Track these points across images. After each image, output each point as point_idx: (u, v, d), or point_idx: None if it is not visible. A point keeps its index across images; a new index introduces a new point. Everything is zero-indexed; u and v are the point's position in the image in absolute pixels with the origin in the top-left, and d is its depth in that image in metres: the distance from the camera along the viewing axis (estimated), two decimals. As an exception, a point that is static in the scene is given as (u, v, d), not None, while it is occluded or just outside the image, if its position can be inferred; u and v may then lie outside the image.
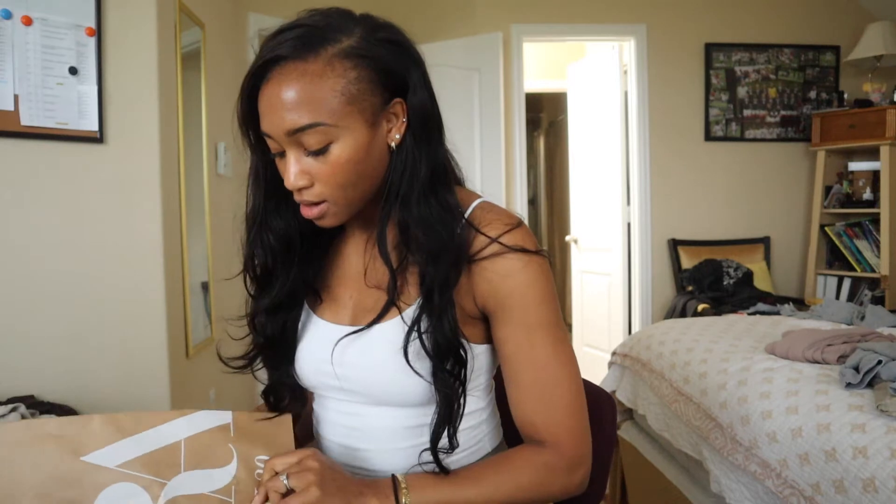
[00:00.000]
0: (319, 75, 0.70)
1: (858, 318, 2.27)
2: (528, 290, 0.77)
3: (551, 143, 6.72)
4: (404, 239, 0.77)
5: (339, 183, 0.74)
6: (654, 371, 2.01)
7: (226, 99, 2.89)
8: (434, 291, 0.75)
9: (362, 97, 0.72)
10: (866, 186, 3.65)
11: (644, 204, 3.94)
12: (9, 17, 1.71)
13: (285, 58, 0.70)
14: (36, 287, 1.81)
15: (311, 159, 0.73)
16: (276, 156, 0.77)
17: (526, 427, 0.81)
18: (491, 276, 0.77)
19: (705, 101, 3.94)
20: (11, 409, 1.45)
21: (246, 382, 3.15)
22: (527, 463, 0.78)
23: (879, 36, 3.60)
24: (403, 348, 0.75)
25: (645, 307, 3.96)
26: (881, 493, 1.11)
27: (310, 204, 0.76)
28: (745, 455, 1.45)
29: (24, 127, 1.74)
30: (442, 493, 0.74)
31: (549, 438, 0.79)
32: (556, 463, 0.78)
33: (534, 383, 0.79)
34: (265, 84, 0.73)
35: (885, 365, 1.41)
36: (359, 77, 0.72)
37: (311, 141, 0.72)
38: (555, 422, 0.79)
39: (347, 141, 0.72)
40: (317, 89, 0.70)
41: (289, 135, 0.72)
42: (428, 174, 0.77)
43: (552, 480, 0.78)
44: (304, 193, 0.75)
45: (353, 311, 0.85)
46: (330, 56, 0.71)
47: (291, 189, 0.75)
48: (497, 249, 0.76)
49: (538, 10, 3.88)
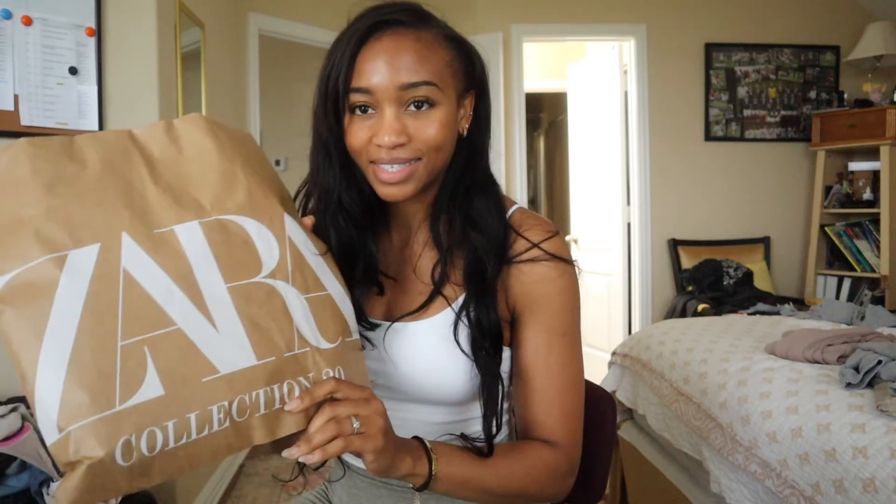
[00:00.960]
0: (433, 43, 0.76)
1: (858, 318, 2.27)
2: (558, 297, 0.81)
3: (551, 143, 6.72)
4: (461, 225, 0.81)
5: (436, 143, 0.76)
6: (654, 371, 2.01)
7: (226, 99, 2.89)
8: (484, 277, 0.79)
9: (456, 76, 0.79)
10: (866, 186, 3.65)
11: (644, 204, 3.94)
12: (9, 17, 1.71)
13: (401, 22, 0.75)
14: (36, 287, 1.81)
15: (411, 118, 0.75)
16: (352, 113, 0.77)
17: (533, 427, 0.83)
18: (527, 279, 0.81)
19: (705, 101, 3.94)
20: (11, 408, 1.45)
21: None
22: (539, 460, 0.80)
23: (879, 36, 3.60)
24: (454, 332, 0.79)
25: (645, 307, 3.96)
26: (881, 493, 1.11)
27: (402, 163, 0.76)
28: (745, 455, 1.45)
29: (24, 127, 1.74)
30: (465, 468, 0.75)
31: (555, 440, 0.81)
32: (560, 464, 0.81)
33: (547, 387, 0.82)
34: (374, 42, 0.74)
35: (885, 365, 1.41)
36: (456, 58, 0.79)
37: (421, 98, 0.75)
38: (562, 426, 0.82)
39: (445, 109, 0.77)
40: (432, 54, 0.76)
41: (402, 88, 0.74)
42: (485, 168, 0.85)
43: (554, 481, 0.81)
44: (398, 151, 0.75)
45: (387, 307, 0.85)
46: (437, 32, 0.78)
47: (388, 145, 0.74)
48: (537, 255, 0.81)
49: (538, 10, 3.88)
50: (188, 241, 0.60)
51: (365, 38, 0.74)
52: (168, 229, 0.60)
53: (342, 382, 0.64)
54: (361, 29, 0.74)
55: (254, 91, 3.23)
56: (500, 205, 0.84)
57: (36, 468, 1.37)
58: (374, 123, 0.75)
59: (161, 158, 0.65)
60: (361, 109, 0.76)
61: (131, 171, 0.62)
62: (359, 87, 0.74)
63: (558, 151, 6.29)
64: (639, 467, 2.14)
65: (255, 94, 3.23)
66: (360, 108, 0.76)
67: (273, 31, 3.29)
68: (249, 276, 0.62)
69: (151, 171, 0.63)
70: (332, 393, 0.63)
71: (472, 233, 0.80)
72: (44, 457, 1.38)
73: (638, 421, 2.21)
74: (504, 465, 0.78)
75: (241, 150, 0.69)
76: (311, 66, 3.10)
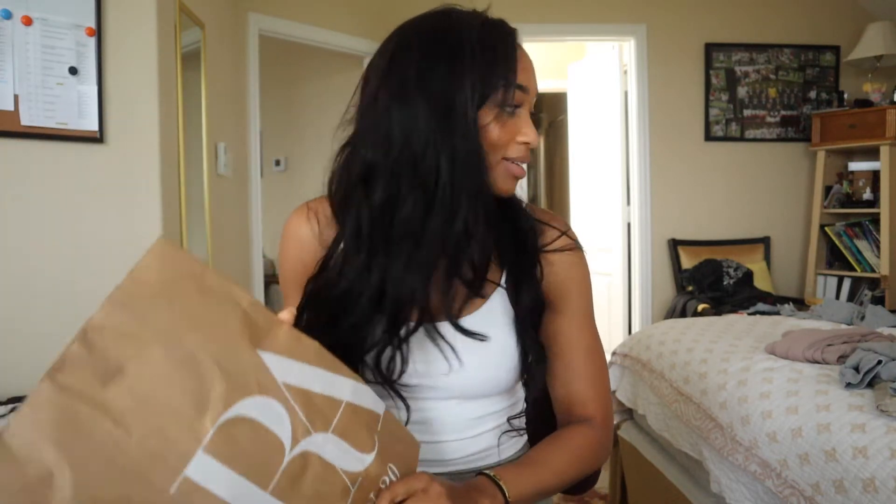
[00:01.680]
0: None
1: (858, 318, 2.27)
2: (584, 280, 0.89)
3: (551, 143, 6.72)
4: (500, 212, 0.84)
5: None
6: (653, 371, 2.01)
7: (226, 99, 2.89)
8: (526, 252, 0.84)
9: None
10: (866, 186, 3.65)
11: (644, 204, 3.94)
12: (9, 17, 1.71)
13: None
14: (36, 286, 1.81)
15: None
16: (507, 110, 0.77)
17: (577, 405, 0.88)
18: (558, 268, 0.87)
19: (705, 101, 3.94)
20: (11, 409, 1.45)
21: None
22: (585, 442, 0.85)
23: (879, 36, 3.60)
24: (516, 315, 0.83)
25: (645, 307, 3.96)
26: (881, 493, 1.11)
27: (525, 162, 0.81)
28: (745, 455, 1.45)
29: (24, 127, 1.74)
30: (527, 480, 0.77)
31: (596, 415, 0.87)
32: (602, 440, 0.87)
33: (586, 365, 0.88)
34: (520, 51, 0.80)
35: (885, 365, 1.41)
36: None
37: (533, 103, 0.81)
38: (601, 402, 0.88)
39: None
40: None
41: (536, 92, 0.81)
42: None
43: (598, 458, 0.87)
44: (527, 152, 0.81)
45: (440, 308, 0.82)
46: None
47: (533, 143, 0.79)
48: (565, 243, 0.87)
49: (538, 10, 3.88)
50: (207, 479, 0.51)
51: (515, 42, 0.78)
52: (181, 479, 0.49)
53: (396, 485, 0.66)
54: (509, 35, 0.78)
55: (254, 91, 3.23)
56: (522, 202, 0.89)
57: (36, 468, 1.37)
58: (517, 122, 0.78)
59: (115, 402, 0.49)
60: (511, 108, 0.77)
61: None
62: (521, 85, 0.77)
63: (558, 151, 6.29)
64: (639, 467, 2.14)
65: (255, 94, 3.23)
66: (510, 106, 0.77)
67: (273, 31, 3.29)
68: (278, 464, 0.56)
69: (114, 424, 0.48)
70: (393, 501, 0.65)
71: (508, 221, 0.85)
72: (44, 457, 1.38)
73: (638, 421, 2.21)
74: (558, 460, 0.82)
75: (184, 314, 0.54)
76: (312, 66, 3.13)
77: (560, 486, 0.83)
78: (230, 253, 2.89)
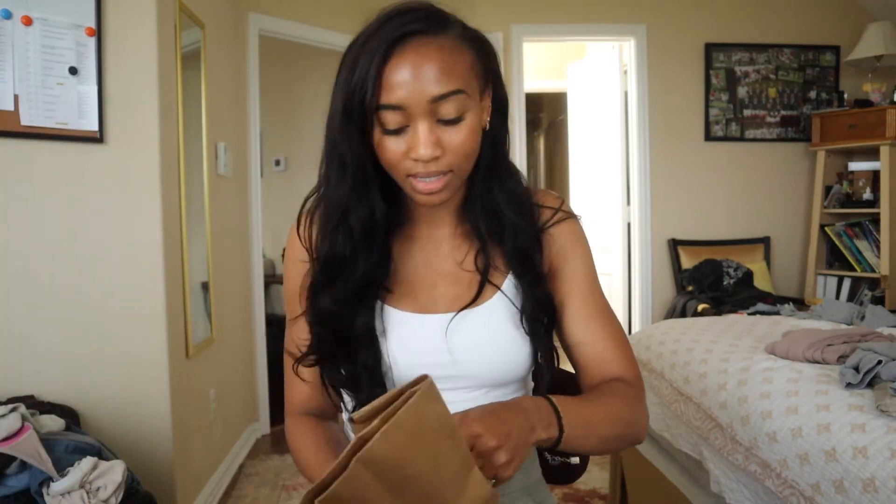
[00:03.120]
0: (455, 49, 0.75)
1: (858, 318, 2.27)
2: (583, 246, 0.92)
3: (551, 143, 6.72)
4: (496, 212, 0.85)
5: (466, 152, 0.77)
6: (653, 371, 2.01)
7: (226, 99, 2.89)
8: (528, 255, 0.85)
9: (479, 75, 0.79)
10: (866, 186, 3.65)
11: (644, 204, 3.94)
12: (9, 17, 1.71)
13: (422, 32, 0.74)
14: (36, 287, 1.81)
15: (443, 130, 0.75)
16: (387, 134, 0.76)
17: (607, 363, 0.87)
18: (558, 237, 0.90)
19: (705, 101, 3.94)
20: (11, 409, 1.45)
21: (246, 384, 3.15)
22: (627, 391, 0.84)
23: (879, 36, 3.60)
24: (520, 313, 0.84)
25: (645, 307, 3.96)
26: (881, 493, 1.11)
27: (436, 175, 0.77)
28: (745, 455, 1.45)
29: (24, 127, 1.74)
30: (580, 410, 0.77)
31: (625, 373, 0.87)
32: (639, 395, 0.86)
33: (605, 324, 0.89)
34: (398, 56, 0.73)
35: (885, 365, 1.41)
36: (476, 58, 0.79)
37: (450, 109, 0.74)
38: (627, 359, 0.88)
39: (475, 112, 0.77)
40: (456, 61, 0.75)
41: (433, 101, 0.73)
42: (508, 155, 0.87)
43: (641, 412, 0.85)
44: (433, 164, 0.76)
45: (442, 300, 0.87)
46: (456, 35, 0.77)
47: (424, 159, 0.74)
48: (561, 216, 0.90)
49: (538, 10, 3.88)
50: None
51: (389, 52, 0.73)
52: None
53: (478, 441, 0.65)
54: (384, 43, 0.73)
55: (254, 91, 3.23)
56: (527, 187, 0.90)
57: (36, 468, 1.37)
58: (409, 138, 0.75)
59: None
60: (392, 129, 0.75)
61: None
62: (389, 104, 0.73)
63: (558, 151, 6.29)
64: (639, 467, 2.14)
65: (255, 94, 3.23)
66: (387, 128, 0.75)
67: (273, 31, 3.29)
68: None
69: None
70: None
71: (514, 217, 0.85)
72: (44, 457, 1.38)
73: (638, 421, 2.21)
74: (607, 399, 0.82)
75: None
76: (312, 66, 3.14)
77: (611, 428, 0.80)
78: (230, 253, 2.89)
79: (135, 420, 1.90)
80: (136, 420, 1.90)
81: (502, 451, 0.65)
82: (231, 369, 2.86)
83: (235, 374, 2.95)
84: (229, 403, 2.79)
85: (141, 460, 1.86)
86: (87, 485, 1.40)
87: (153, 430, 1.92)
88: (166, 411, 1.94)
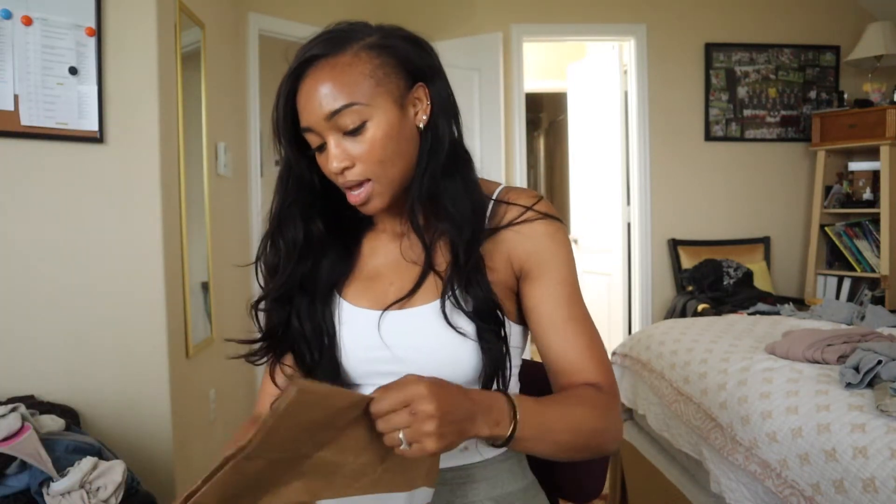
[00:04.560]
0: (349, 64, 0.80)
1: (858, 318, 2.27)
2: (560, 250, 0.87)
3: (551, 143, 6.72)
4: (434, 210, 0.84)
5: (377, 159, 0.81)
6: (653, 371, 2.01)
7: (226, 99, 2.89)
8: (460, 251, 0.82)
9: (388, 80, 0.81)
10: (866, 186, 3.65)
11: (644, 204, 3.94)
12: (9, 17, 1.71)
13: (318, 56, 0.80)
14: (36, 287, 1.81)
15: (350, 141, 0.80)
16: (317, 152, 0.84)
17: (575, 373, 0.85)
18: (527, 238, 0.86)
19: (705, 101, 3.94)
20: (11, 408, 1.45)
21: (246, 384, 3.15)
22: (596, 397, 0.82)
23: (879, 36, 3.60)
24: (441, 307, 0.82)
25: (645, 307, 3.96)
26: (881, 493, 1.11)
27: (355, 185, 0.82)
28: (745, 455, 1.45)
29: (24, 127, 1.74)
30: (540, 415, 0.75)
31: (599, 380, 0.85)
32: (610, 402, 0.84)
33: (576, 334, 0.86)
34: (302, 83, 0.81)
35: (885, 365, 1.41)
36: (383, 63, 0.81)
37: (348, 121, 0.79)
38: (602, 368, 0.86)
39: (380, 119, 0.80)
40: (347, 75, 0.79)
41: (328, 118, 0.79)
42: (451, 151, 0.86)
43: (613, 420, 0.83)
44: (347, 175, 0.82)
45: (395, 294, 0.87)
46: (356, 49, 0.81)
47: (335, 172, 0.81)
48: (532, 215, 0.86)
49: (538, 10, 3.88)
50: None
51: (296, 83, 0.81)
52: None
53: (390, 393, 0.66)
54: (289, 75, 0.81)
55: (254, 91, 3.22)
56: (472, 183, 0.87)
57: (36, 468, 1.37)
58: (324, 159, 0.83)
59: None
60: (318, 148, 0.83)
61: None
62: (304, 127, 0.81)
63: (558, 151, 6.29)
64: (639, 467, 2.14)
65: (255, 94, 3.23)
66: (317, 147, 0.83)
67: (273, 31, 3.29)
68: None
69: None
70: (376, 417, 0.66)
71: (441, 217, 0.84)
72: (44, 457, 1.38)
73: (638, 421, 2.21)
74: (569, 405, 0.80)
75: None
76: (311, 66, 2.97)
77: (570, 437, 0.78)
78: (230, 253, 2.89)
79: (135, 420, 1.90)
80: (136, 420, 1.90)
81: (434, 420, 0.64)
82: (231, 369, 2.86)
83: (235, 374, 2.95)
84: (229, 403, 2.79)
85: (141, 460, 1.85)
86: (87, 485, 1.40)
87: (153, 430, 1.92)
88: (166, 411, 1.94)
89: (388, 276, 0.91)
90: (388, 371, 0.84)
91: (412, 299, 0.85)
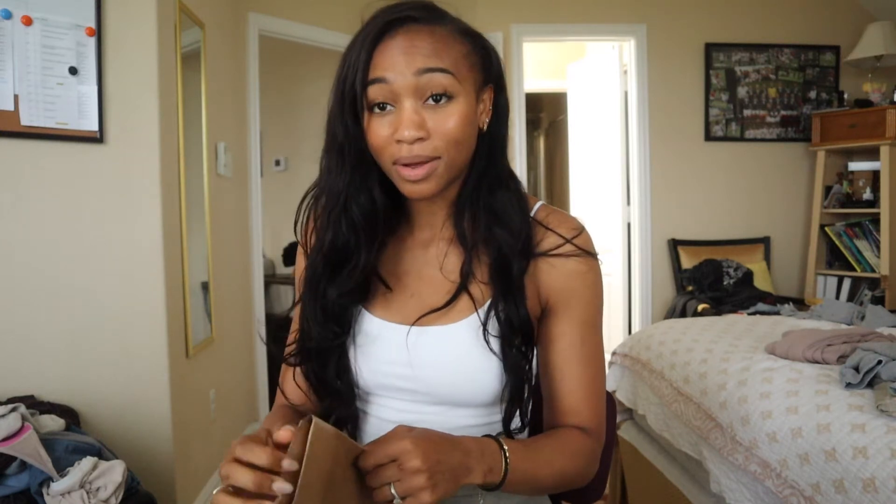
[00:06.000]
0: (448, 37, 0.76)
1: (858, 318, 2.27)
2: (589, 290, 0.85)
3: (551, 143, 6.72)
4: (485, 220, 0.81)
5: (454, 138, 0.75)
6: (653, 371, 2.01)
7: (226, 99, 2.89)
8: (510, 273, 0.80)
9: (474, 69, 0.78)
10: (866, 186, 3.65)
11: (644, 204, 3.94)
12: (9, 17, 1.71)
13: (416, 19, 0.75)
14: (36, 287, 1.81)
15: (430, 112, 0.74)
16: (373, 111, 0.75)
17: (567, 415, 0.85)
18: (560, 273, 0.83)
19: (705, 101, 3.94)
20: (11, 409, 1.45)
21: (246, 383, 3.15)
22: (579, 445, 0.82)
23: (879, 36, 3.60)
24: (483, 332, 0.79)
25: (645, 307, 3.96)
26: (881, 493, 1.11)
27: (421, 160, 0.74)
28: (745, 455, 1.45)
29: (24, 127, 1.74)
30: (527, 459, 0.76)
31: (590, 426, 0.84)
32: (594, 449, 0.84)
33: (582, 376, 0.84)
34: (389, 39, 0.74)
35: (885, 365, 1.41)
36: (471, 51, 0.78)
37: (437, 86, 0.73)
38: (594, 413, 0.85)
39: (463, 101, 0.75)
40: (448, 46, 0.75)
41: (419, 73, 0.72)
42: (505, 163, 0.84)
43: (589, 465, 0.84)
44: (417, 147, 0.74)
45: (416, 310, 0.83)
46: (451, 28, 0.77)
47: (407, 140, 0.73)
48: (569, 249, 0.82)
49: (538, 10, 3.88)
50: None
51: (380, 36, 0.74)
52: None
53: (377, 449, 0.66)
54: (376, 27, 0.74)
55: (254, 91, 3.22)
56: (523, 200, 0.84)
57: (36, 468, 1.37)
58: (394, 119, 0.74)
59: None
60: (380, 107, 0.74)
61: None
62: (375, 78, 0.73)
63: (558, 151, 6.29)
64: (639, 467, 2.14)
65: (255, 94, 3.23)
66: (378, 105, 0.74)
67: (273, 31, 3.29)
68: None
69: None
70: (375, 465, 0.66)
71: (496, 228, 0.80)
72: (44, 457, 1.38)
73: (638, 421, 2.21)
74: (554, 454, 0.80)
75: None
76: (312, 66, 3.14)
77: (551, 482, 0.79)
78: (230, 253, 2.89)
79: (135, 420, 1.90)
80: (136, 420, 1.90)
81: (424, 475, 0.64)
82: (231, 369, 2.86)
83: (235, 374, 2.95)
84: (229, 403, 2.79)
85: (141, 460, 1.86)
86: (87, 485, 1.40)
87: (153, 430, 1.92)
88: (166, 411, 1.94)
89: (409, 287, 0.86)
90: (405, 387, 0.83)
91: (445, 315, 0.81)
